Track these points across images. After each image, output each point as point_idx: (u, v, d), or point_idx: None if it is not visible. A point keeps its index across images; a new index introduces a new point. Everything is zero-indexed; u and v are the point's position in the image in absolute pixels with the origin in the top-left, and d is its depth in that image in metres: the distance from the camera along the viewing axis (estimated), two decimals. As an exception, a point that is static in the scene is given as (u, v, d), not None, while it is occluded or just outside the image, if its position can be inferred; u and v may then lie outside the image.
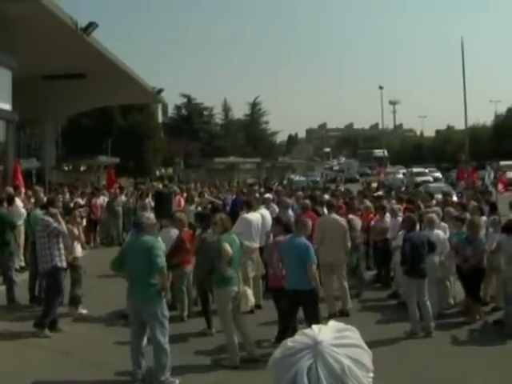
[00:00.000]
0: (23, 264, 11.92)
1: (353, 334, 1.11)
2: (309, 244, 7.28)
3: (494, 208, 11.19)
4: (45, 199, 11.34)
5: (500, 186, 21.76)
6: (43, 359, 7.06)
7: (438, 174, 43.72)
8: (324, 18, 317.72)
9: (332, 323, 1.15)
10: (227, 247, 6.66)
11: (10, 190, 12.98)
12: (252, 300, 7.01)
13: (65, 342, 7.61)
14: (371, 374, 1.08)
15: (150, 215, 6.83)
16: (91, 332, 8.16)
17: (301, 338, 1.10)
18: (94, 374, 6.50)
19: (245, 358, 6.77)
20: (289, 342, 1.11)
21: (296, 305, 7.12)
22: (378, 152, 74.69)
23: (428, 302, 7.97)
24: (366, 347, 1.10)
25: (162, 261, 6.11)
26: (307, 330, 1.12)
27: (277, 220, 8.57)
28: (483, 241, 8.76)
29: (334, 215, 9.62)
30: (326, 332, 1.10)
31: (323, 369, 1.03)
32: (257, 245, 9.46)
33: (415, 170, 46.86)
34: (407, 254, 8.07)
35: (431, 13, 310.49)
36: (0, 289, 9.74)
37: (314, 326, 1.14)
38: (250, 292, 7.00)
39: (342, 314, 8.54)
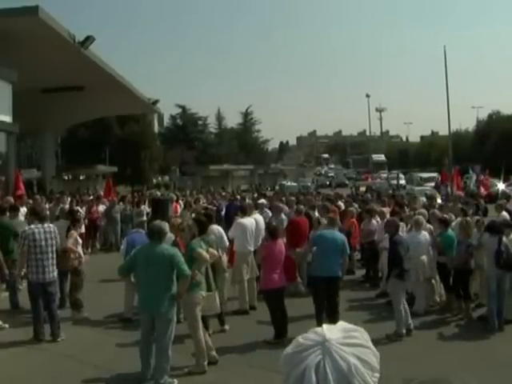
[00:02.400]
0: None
1: (360, 335, 1.10)
2: (344, 236, 8.20)
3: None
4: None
5: (482, 189, 21.95)
6: (45, 363, 7.03)
7: None
8: (313, 29, 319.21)
9: (341, 323, 1.14)
10: (203, 253, 6.59)
11: (11, 199, 12.91)
12: (217, 306, 6.91)
13: (66, 346, 7.57)
14: (377, 374, 1.07)
15: (165, 223, 6.80)
16: (92, 335, 8.13)
17: (311, 335, 1.10)
18: (96, 376, 6.47)
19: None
20: (300, 339, 1.11)
21: (327, 291, 7.71)
22: (377, 157, 72.58)
23: (405, 302, 7.97)
24: (373, 348, 1.10)
25: (187, 268, 6.12)
26: (317, 328, 1.12)
27: (266, 225, 8.68)
28: (472, 242, 8.71)
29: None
30: (335, 331, 1.10)
31: (330, 366, 1.03)
32: (251, 248, 9.48)
33: (425, 175, 38.49)
34: (401, 256, 7.81)
35: (415, 24, 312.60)
36: (4, 295, 9.69)
37: (324, 325, 1.13)
38: (216, 297, 6.91)
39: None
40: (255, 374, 6.48)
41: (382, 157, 72.47)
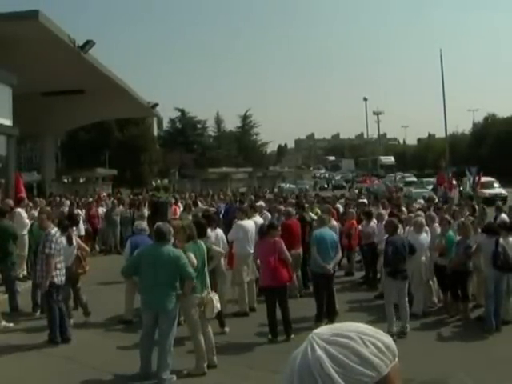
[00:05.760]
0: (25, 273, 11.86)
1: (357, 336, 1.02)
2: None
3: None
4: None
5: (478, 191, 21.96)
6: (45, 365, 7.00)
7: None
8: (311, 34, 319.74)
9: (352, 324, 1.06)
10: (191, 256, 6.57)
11: (10, 202, 12.85)
12: (218, 307, 6.83)
13: (66, 348, 7.54)
14: (359, 377, 0.98)
15: (166, 224, 6.84)
16: (91, 337, 8.10)
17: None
18: (95, 377, 6.45)
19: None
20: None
21: (328, 284, 8.37)
22: (385, 159, 71.33)
23: (407, 304, 7.97)
24: (364, 352, 1.00)
25: (192, 270, 6.22)
26: None
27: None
28: (470, 244, 8.72)
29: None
30: (329, 328, 1.05)
31: (299, 357, 1.01)
32: (251, 250, 9.44)
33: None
34: (390, 256, 8.06)
35: (411, 27, 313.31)
36: (3, 297, 9.66)
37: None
38: (216, 299, 6.86)
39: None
40: (255, 375, 6.46)
41: (390, 159, 71.45)
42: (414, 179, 52.58)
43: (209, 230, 8.56)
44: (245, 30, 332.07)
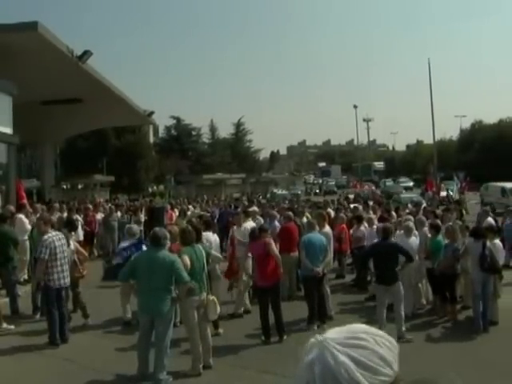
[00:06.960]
0: (26, 277, 11.81)
1: (370, 337, 1.02)
2: (323, 237, 8.70)
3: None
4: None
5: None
6: (45, 366, 6.98)
7: None
8: (302, 43, 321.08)
9: (353, 325, 1.06)
10: (185, 259, 6.57)
11: (11, 208, 12.81)
12: (218, 309, 6.87)
13: (66, 349, 7.52)
14: (382, 378, 0.99)
15: (162, 229, 6.85)
16: (90, 339, 8.08)
17: (317, 336, 1.03)
18: (94, 378, 6.43)
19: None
20: (311, 339, 1.04)
21: (318, 287, 8.38)
22: (378, 165, 74.87)
23: (401, 308, 7.83)
24: (380, 351, 1.01)
25: (186, 275, 6.21)
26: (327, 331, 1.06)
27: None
28: (458, 247, 8.75)
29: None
30: (338, 331, 1.02)
31: (319, 364, 0.97)
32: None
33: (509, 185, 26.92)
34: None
35: (400, 37, 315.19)
36: (4, 300, 9.62)
37: (337, 328, 1.05)
38: (216, 301, 6.87)
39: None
40: (249, 375, 6.47)
41: (381, 164, 74.06)
42: (411, 184, 53.47)
43: (210, 234, 8.61)
44: (239, 41, 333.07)
